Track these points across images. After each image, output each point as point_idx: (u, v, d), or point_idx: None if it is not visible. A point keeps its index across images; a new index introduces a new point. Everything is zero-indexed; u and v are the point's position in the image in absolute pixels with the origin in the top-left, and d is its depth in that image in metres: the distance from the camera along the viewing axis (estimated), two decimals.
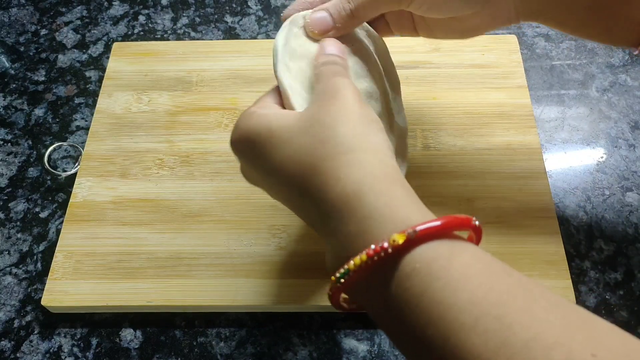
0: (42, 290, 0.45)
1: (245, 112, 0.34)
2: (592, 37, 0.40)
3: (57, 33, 0.64)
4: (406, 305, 0.25)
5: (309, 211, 0.31)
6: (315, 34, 0.38)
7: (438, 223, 0.26)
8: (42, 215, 0.51)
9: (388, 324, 0.27)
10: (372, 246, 0.26)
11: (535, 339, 0.22)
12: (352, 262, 0.26)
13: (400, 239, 0.25)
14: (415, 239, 0.25)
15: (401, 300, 0.25)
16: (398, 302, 0.25)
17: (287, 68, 0.35)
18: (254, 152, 0.33)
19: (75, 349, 0.45)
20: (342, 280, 0.27)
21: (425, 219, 0.26)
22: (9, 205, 0.52)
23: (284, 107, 0.35)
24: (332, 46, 0.37)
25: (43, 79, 0.60)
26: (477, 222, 0.28)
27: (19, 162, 0.55)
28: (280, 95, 0.35)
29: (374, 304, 0.28)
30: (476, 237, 0.28)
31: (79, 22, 0.65)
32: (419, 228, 0.25)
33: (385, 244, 0.25)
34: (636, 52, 0.38)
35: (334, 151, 0.29)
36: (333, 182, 0.29)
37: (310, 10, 0.38)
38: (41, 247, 0.50)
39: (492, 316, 0.23)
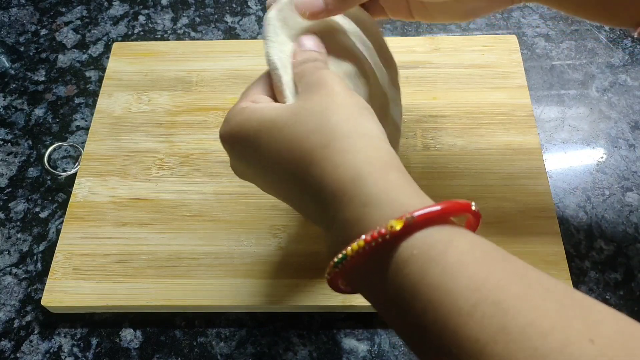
0: (42, 290, 0.45)
1: (235, 106, 0.34)
2: (592, 17, 0.40)
3: (57, 33, 0.64)
4: (404, 292, 0.25)
5: (306, 201, 0.31)
6: (306, 16, 0.36)
7: (437, 208, 0.25)
8: (42, 215, 0.51)
9: (387, 310, 0.27)
10: (370, 232, 0.26)
11: (532, 325, 0.21)
12: (349, 248, 0.26)
13: (397, 225, 0.25)
14: (413, 225, 0.25)
15: (399, 286, 0.25)
16: (396, 288, 0.25)
17: (281, 50, 0.34)
18: (247, 147, 0.32)
19: (75, 349, 0.45)
20: (340, 265, 0.27)
21: (423, 204, 0.26)
22: (9, 205, 0.52)
23: (274, 97, 0.34)
24: (309, 41, 0.36)
25: (43, 79, 0.60)
26: (476, 207, 0.27)
27: (19, 162, 0.55)
28: (268, 86, 0.35)
29: (373, 291, 0.28)
30: (475, 223, 0.28)
31: (79, 22, 0.65)
32: (417, 214, 0.25)
33: (383, 230, 0.25)
34: (635, 34, 0.38)
35: (327, 139, 0.29)
36: (329, 169, 0.29)
37: None
38: (41, 247, 0.50)
39: (489, 302, 0.22)
